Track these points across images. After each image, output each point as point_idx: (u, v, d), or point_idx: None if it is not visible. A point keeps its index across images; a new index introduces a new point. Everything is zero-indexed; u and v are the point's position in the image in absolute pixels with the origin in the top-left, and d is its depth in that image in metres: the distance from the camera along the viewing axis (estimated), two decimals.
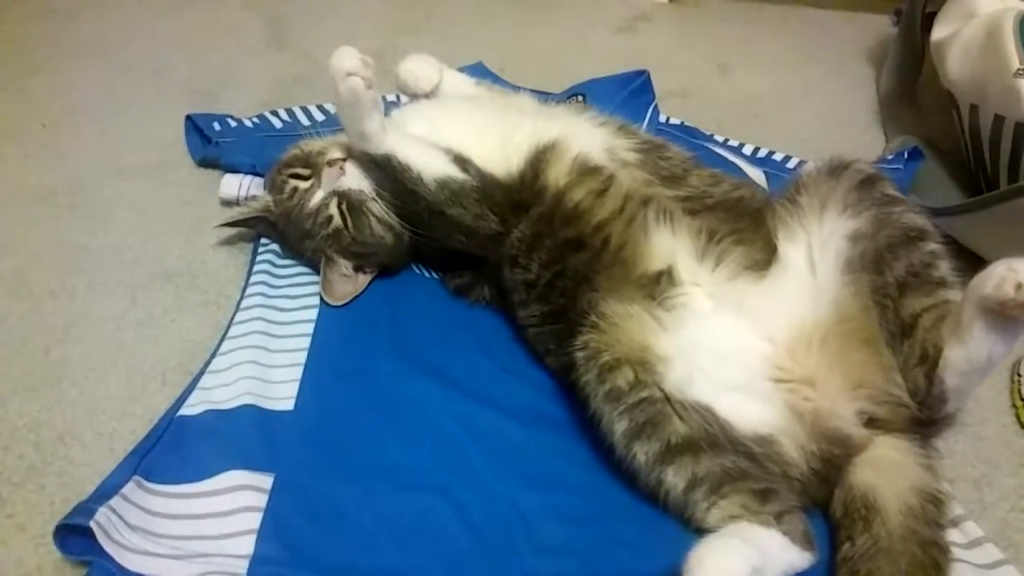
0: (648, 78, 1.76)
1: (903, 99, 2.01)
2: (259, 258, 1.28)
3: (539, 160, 1.18)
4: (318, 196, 1.20)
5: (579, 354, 1.01)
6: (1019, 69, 1.40)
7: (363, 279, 1.26)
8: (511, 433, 1.06)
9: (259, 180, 1.44)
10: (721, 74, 2.11)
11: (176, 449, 0.97)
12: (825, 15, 2.55)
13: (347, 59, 1.08)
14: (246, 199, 1.42)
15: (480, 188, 1.16)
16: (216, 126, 1.57)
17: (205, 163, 1.53)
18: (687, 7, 2.52)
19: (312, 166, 1.22)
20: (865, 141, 1.86)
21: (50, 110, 1.65)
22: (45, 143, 1.55)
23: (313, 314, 1.21)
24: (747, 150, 1.69)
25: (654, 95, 1.77)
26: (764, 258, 1.06)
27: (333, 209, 1.20)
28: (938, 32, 1.70)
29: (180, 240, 1.35)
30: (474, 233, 1.17)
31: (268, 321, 1.17)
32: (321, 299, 1.23)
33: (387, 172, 1.16)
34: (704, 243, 1.07)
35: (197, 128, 1.59)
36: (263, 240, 1.32)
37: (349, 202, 1.20)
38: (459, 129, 1.24)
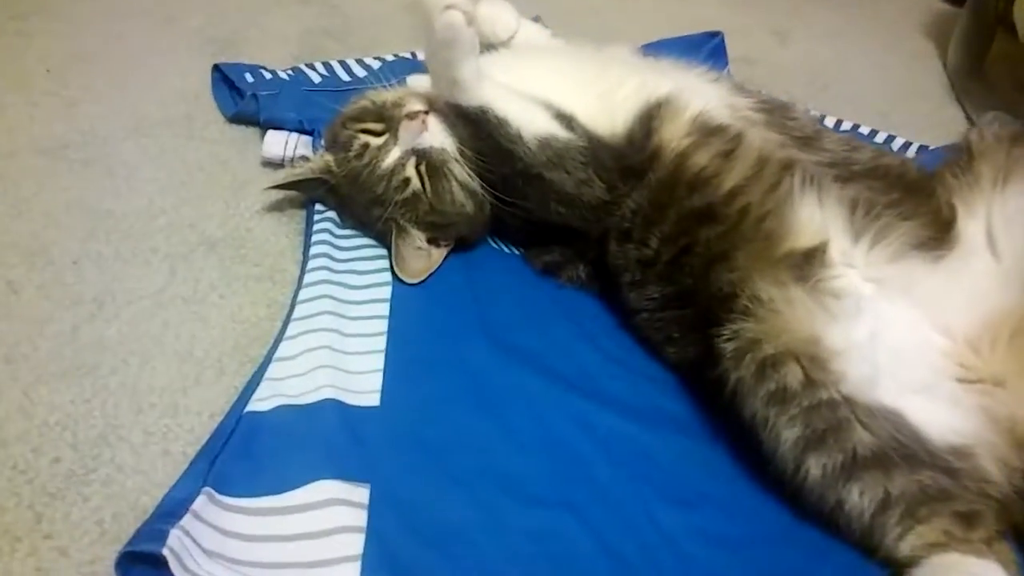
0: (722, 41, 1.61)
1: (974, 74, 1.89)
2: (316, 227, 1.10)
3: (651, 118, 1.02)
4: (394, 155, 1.03)
5: (727, 345, 0.85)
6: None
7: (438, 253, 1.09)
8: (635, 437, 0.90)
9: (306, 138, 1.26)
10: (780, 42, 1.97)
11: (250, 453, 0.80)
12: None
13: None
14: (293, 159, 1.23)
15: (587, 149, 1.00)
16: (249, 77, 1.38)
17: (239, 118, 1.34)
18: None
19: (387, 120, 1.04)
20: (946, 116, 1.74)
21: (54, 56, 1.44)
22: (51, 91, 1.35)
23: (386, 292, 1.03)
24: (828, 122, 1.54)
25: (727, 60, 1.61)
26: (933, 236, 0.91)
27: (411, 170, 1.03)
28: None
29: (219, 204, 1.16)
30: (575, 202, 1.01)
31: (338, 300, 0.99)
32: (393, 275, 1.05)
33: (479, 128, 0.99)
34: (862, 217, 0.92)
35: (226, 80, 1.39)
36: (317, 206, 1.14)
37: (430, 162, 1.03)
38: (554, 82, 1.07)
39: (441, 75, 0.98)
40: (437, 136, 1.03)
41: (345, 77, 1.47)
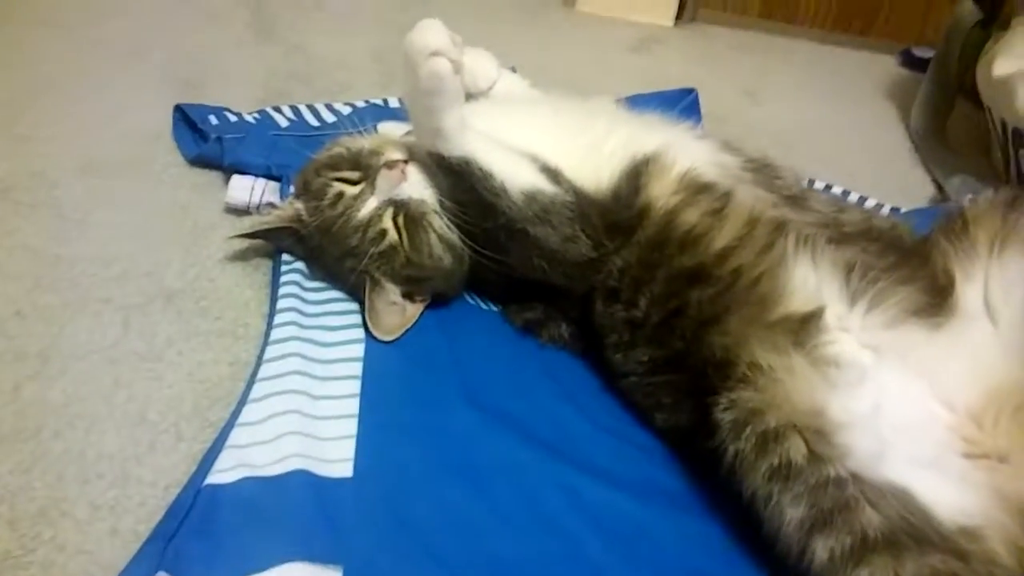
0: (696, 98, 1.60)
1: (936, 137, 1.92)
2: (283, 278, 1.04)
3: (639, 174, 0.99)
4: (370, 205, 0.98)
5: (724, 415, 0.81)
6: None
7: (413, 309, 1.03)
8: (629, 512, 0.85)
9: (273, 184, 1.20)
10: (752, 102, 1.97)
11: (211, 531, 0.72)
12: (830, 51, 2.47)
13: (433, 34, 0.87)
14: (259, 206, 1.17)
15: (574, 204, 0.96)
16: (213, 119, 1.32)
17: (201, 161, 1.27)
18: (693, 32, 2.40)
19: (363, 168, 0.99)
20: (913, 178, 1.75)
21: (3, 88, 1.36)
22: None
23: (359, 350, 0.97)
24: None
25: (701, 117, 1.60)
26: (930, 302, 0.88)
27: (388, 222, 0.98)
28: (1002, 67, 1.59)
29: (179, 252, 1.09)
30: (559, 258, 0.97)
31: (307, 359, 0.93)
32: (366, 331, 0.99)
33: (461, 180, 0.94)
34: (858, 280, 0.89)
35: (188, 121, 1.33)
36: (284, 257, 1.07)
37: (408, 214, 0.98)
38: (538, 134, 1.03)
39: (423, 124, 0.94)
40: (416, 186, 0.99)
41: (314, 122, 1.42)
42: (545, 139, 1.03)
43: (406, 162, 0.98)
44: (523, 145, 1.00)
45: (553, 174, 0.98)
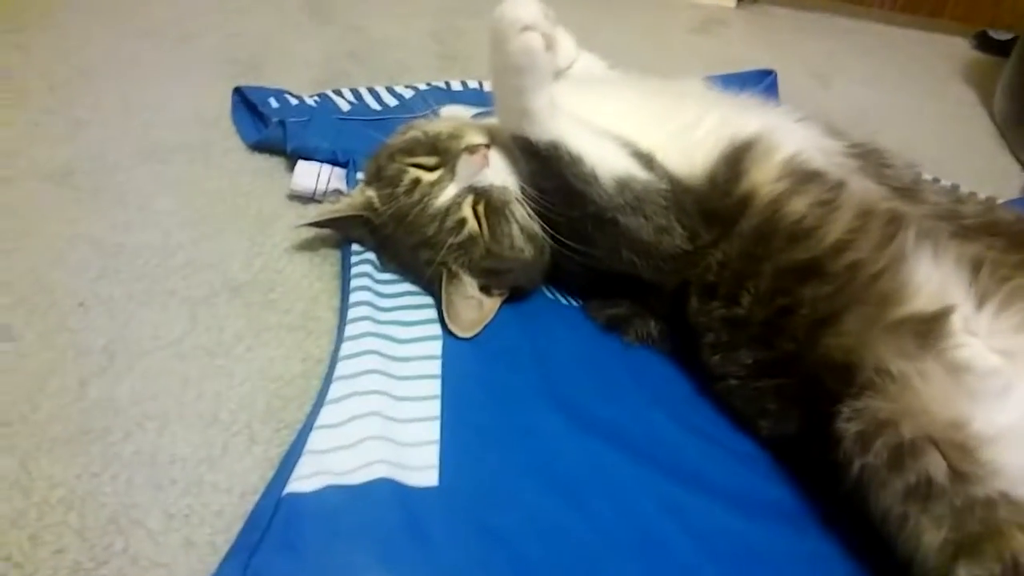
0: (775, 79, 1.51)
1: (1015, 122, 1.81)
2: (354, 269, 0.98)
3: (739, 160, 0.91)
4: (449, 192, 0.91)
5: (848, 426, 0.73)
6: None
7: (491, 303, 0.97)
8: (737, 530, 0.78)
9: (340, 171, 1.14)
10: (822, 85, 1.88)
11: (295, 545, 0.67)
12: (900, 34, 2.37)
13: (526, 6, 0.80)
14: (325, 193, 1.11)
15: (669, 192, 0.89)
16: (273, 102, 1.26)
17: (262, 146, 1.22)
18: (755, 13, 2.31)
19: (442, 153, 0.93)
20: (1003, 164, 1.65)
21: (57, 73, 1.32)
22: (54, 110, 1.22)
23: (436, 348, 0.91)
24: None
25: (779, 99, 1.51)
26: None
27: (467, 210, 0.91)
28: None
29: (243, 242, 1.03)
30: (651, 251, 0.90)
31: (385, 356, 0.87)
32: (443, 327, 0.93)
33: (548, 165, 0.87)
34: (987, 279, 0.81)
35: (248, 104, 1.28)
36: (354, 247, 1.01)
37: (489, 202, 0.91)
38: (626, 116, 0.96)
39: (509, 104, 0.87)
40: (499, 173, 0.92)
41: (375, 106, 1.36)
42: (634, 122, 0.96)
43: (488, 146, 0.92)
44: (612, 128, 0.93)
45: (646, 159, 0.90)
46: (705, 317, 0.89)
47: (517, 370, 0.91)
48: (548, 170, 0.88)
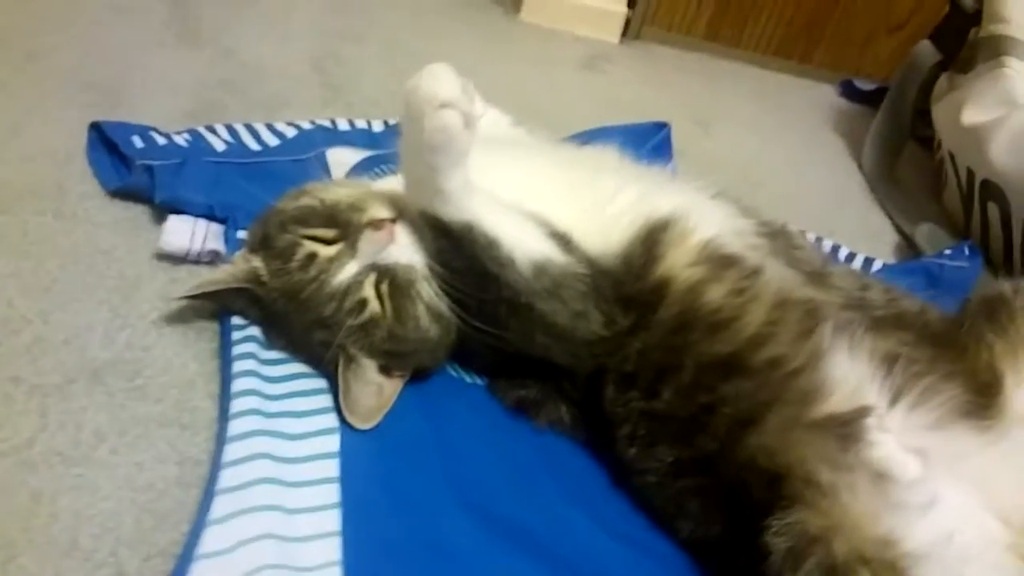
0: (669, 133, 1.50)
1: (890, 178, 1.90)
2: (236, 349, 0.87)
3: (654, 241, 0.87)
4: (349, 270, 0.83)
5: (777, 541, 0.71)
6: None
7: (391, 387, 0.89)
8: None
9: (216, 227, 1.02)
10: (704, 133, 1.90)
11: None
12: (774, 78, 2.45)
13: (444, 82, 0.73)
14: (200, 254, 1.00)
15: (588, 277, 0.84)
16: (138, 141, 1.13)
17: (124, 193, 1.08)
18: (638, 50, 2.32)
19: (341, 225, 0.84)
20: (876, 220, 1.71)
21: None
22: None
23: (334, 442, 0.82)
24: None
25: (672, 153, 1.51)
26: (975, 402, 0.81)
27: (369, 290, 0.83)
28: (972, 116, 1.57)
29: (102, 312, 0.91)
30: (567, 336, 0.85)
31: (276, 460, 0.77)
32: (339, 417, 0.84)
33: (461, 246, 0.81)
34: (901, 375, 0.80)
35: (107, 143, 1.13)
36: (234, 319, 0.91)
37: (394, 281, 0.84)
38: (539, 190, 0.91)
39: (421, 181, 0.80)
40: (405, 250, 0.85)
41: (254, 146, 1.25)
42: (548, 195, 0.91)
43: (393, 221, 0.84)
44: (526, 203, 0.87)
45: (563, 241, 0.85)
46: (622, 408, 0.85)
47: (422, 467, 0.83)
48: (460, 251, 0.82)
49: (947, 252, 1.39)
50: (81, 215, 1.03)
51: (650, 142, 1.44)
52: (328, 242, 0.84)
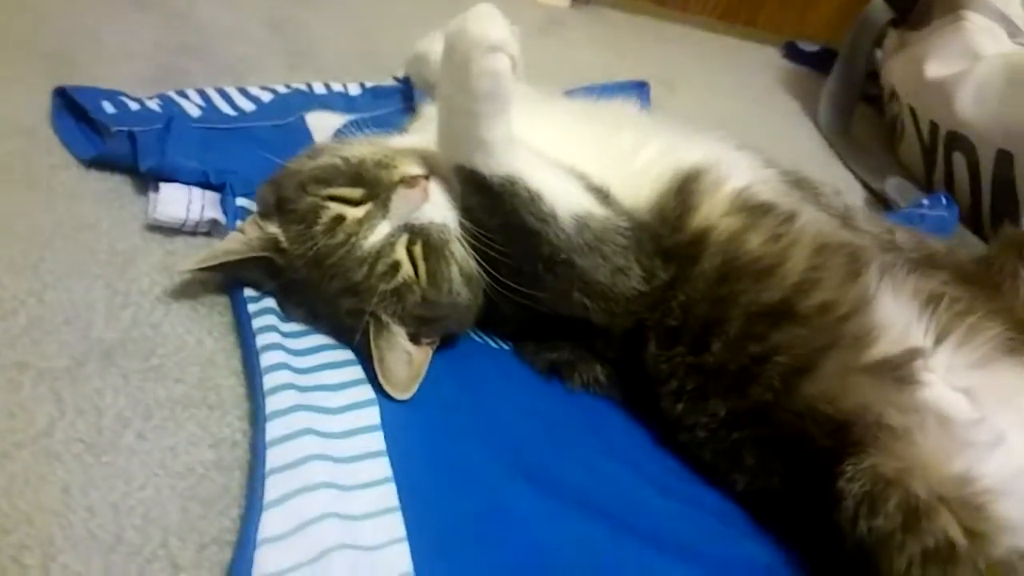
0: (648, 92, 1.48)
1: (847, 134, 1.93)
2: (256, 322, 0.81)
3: (687, 192, 0.86)
4: (381, 231, 0.78)
5: (852, 486, 0.70)
6: None
7: (421, 355, 0.84)
8: None
9: (212, 195, 0.95)
10: (669, 92, 1.88)
11: None
12: (721, 41, 2.47)
13: (493, 24, 0.69)
14: (198, 224, 0.92)
15: (629, 230, 0.81)
16: (108, 107, 1.04)
17: (100, 162, 0.99)
18: (589, 15, 2.30)
19: (369, 184, 0.79)
20: (839, 175, 1.74)
21: None
22: None
23: (374, 415, 0.77)
24: None
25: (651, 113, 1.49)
26: (1020, 338, 0.81)
27: (401, 252, 0.79)
28: (936, 70, 1.60)
29: (100, 289, 0.83)
30: (606, 293, 0.82)
31: (322, 436, 0.72)
32: (375, 388, 0.79)
33: (498, 201, 0.77)
34: (945, 315, 0.80)
35: (75, 110, 1.04)
36: (247, 291, 0.85)
37: (428, 242, 0.79)
38: (573, 144, 0.87)
39: (460, 132, 0.75)
40: (440, 208, 0.80)
41: (228, 110, 1.17)
42: (577, 150, 0.87)
43: (426, 177, 0.79)
44: (563, 159, 0.84)
45: (602, 195, 0.82)
46: (667, 363, 0.83)
47: (465, 436, 0.79)
48: (498, 207, 0.77)
49: (925, 202, 1.41)
50: (58, 189, 0.94)
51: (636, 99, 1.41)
52: (355, 203, 0.79)
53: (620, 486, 0.80)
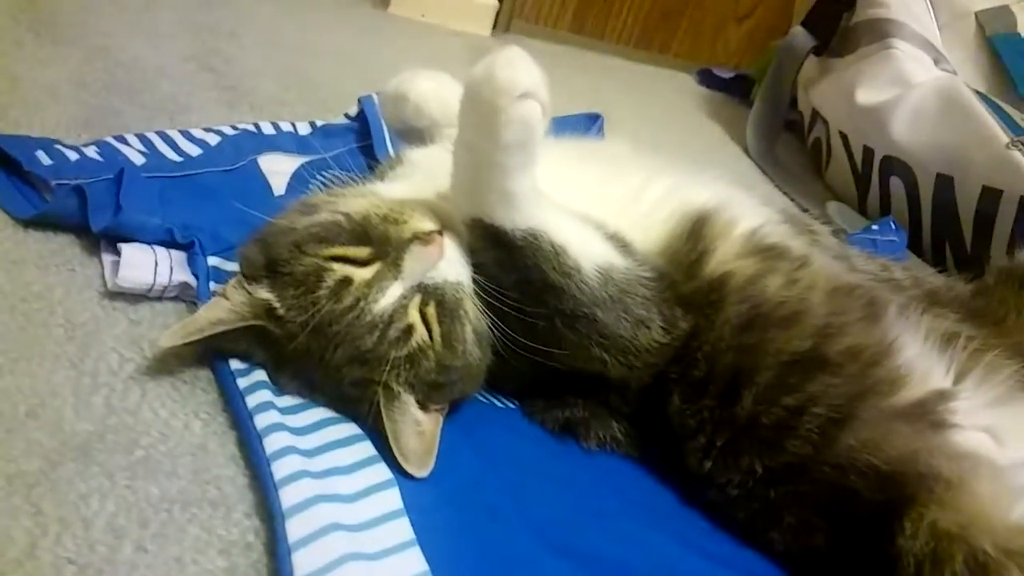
0: (603, 124, 1.45)
1: (776, 161, 1.97)
2: (251, 399, 0.73)
3: (698, 235, 0.82)
4: (392, 293, 0.71)
5: (912, 543, 0.67)
6: (1012, 141, 1.35)
7: (431, 423, 0.77)
8: None
9: (178, 254, 0.85)
10: (607, 123, 1.87)
11: None
12: (639, 68, 2.51)
13: (523, 69, 0.64)
14: (166, 288, 0.83)
15: (653, 281, 0.77)
16: (43, 158, 0.93)
17: (40, 222, 0.88)
18: (512, 43, 2.27)
19: (378, 242, 0.72)
20: (782, 202, 1.75)
21: None
22: None
23: (395, 499, 0.70)
24: None
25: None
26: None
27: (414, 314, 0.72)
28: (867, 96, 1.65)
29: (64, 371, 0.72)
30: (627, 347, 0.78)
31: (348, 530, 0.64)
32: (387, 463, 0.72)
33: (521, 256, 0.72)
34: (963, 354, 0.80)
35: (5, 160, 0.93)
36: (233, 363, 0.76)
37: (442, 302, 0.73)
38: (580, 187, 0.83)
39: (484, 185, 0.69)
40: (455, 265, 0.74)
41: (173, 156, 1.07)
42: (581, 194, 0.83)
43: (440, 233, 0.73)
44: (571, 203, 0.79)
45: (621, 243, 0.78)
46: (693, 418, 0.79)
47: (495, 514, 0.72)
48: (517, 261, 0.72)
49: (875, 227, 1.44)
50: None
51: (588, 132, 1.39)
52: (362, 263, 0.72)
53: (660, 555, 0.75)
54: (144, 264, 0.81)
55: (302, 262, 0.71)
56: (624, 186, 0.87)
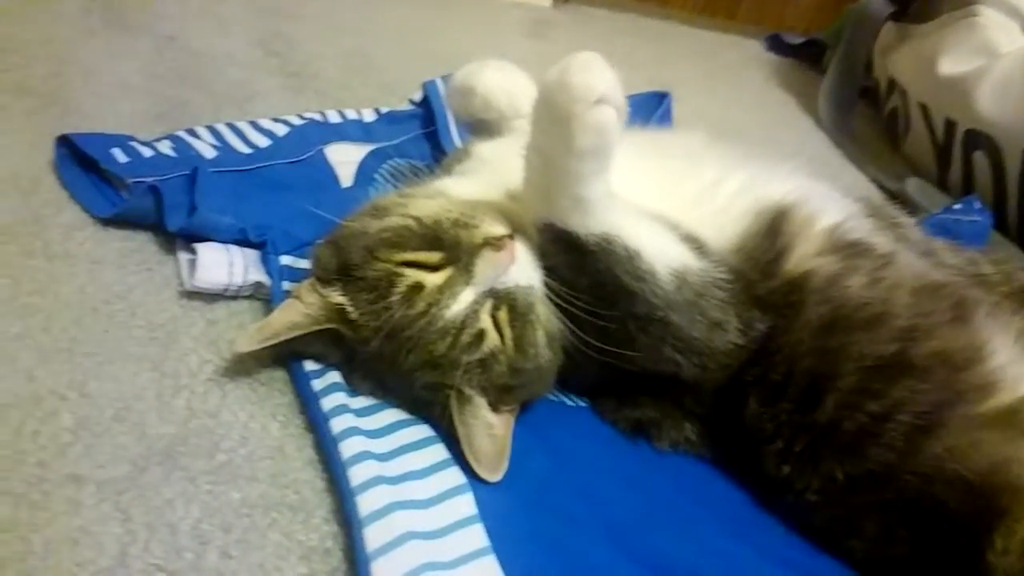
0: (671, 102, 1.42)
1: (847, 134, 1.90)
2: (326, 403, 0.73)
3: (775, 232, 0.79)
4: (464, 298, 0.71)
5: (1004, 560, 0.65)
6: None
7: (503, 426, 0.77)
8: None
9: (252, 254, 0.86)
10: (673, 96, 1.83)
11: None
12: (704, 35, 2.43)
13: (599, 74, 0.61)
14: (241, 288, 0.84)
15: (729, 282, 0.75)
16: (120, 155, 0.95)
17: (119, 220, 0.90)
18: (572, 14, 2.24)
19: (449, 247, 0.71)
20: (852, 176, 1.70)
21: None
22: None
23: (470, 504, 0.70)
24: None
25: (671, 121, 1.43)
26: None
27: (486, 319, 0.71)
28: (950, 66, 1.57)
29: (146, 373, 0.74)
30: (702, 349, 0.76)
31: (424, 537, 0.65)
32: (461, 468, 0.72)
33: (594, 261, 0.71)
34: None
35: (82, 159, 0.94)
36: (308, 364, 0.77)
37: (514, 307, 0.72)
38: (640, 187, 0.80)
39: (558, 190, 0.68)
40: (526, 269, 0.73)
41: (243, 148, 1.08)
42: (654, 192, 0.81)
43: (511, 237, 0.72)
44: (644, 202, 0.77)
45: (696, 244, 0.76)
46: (771, 422, 0.77)
47: (569, 519, 0.72)
48: (590, 266, 0.71)
49: (957, 207, 1.38)
50: (77, 253, 0.84)
51: (656, 112, 1.35)
52: (433, 268, 0.71)
53: (735, 561, 0.74)
54: (219, 265, 0.82)
55: (374, 267, 0.71)
56: (698, 181, 0.84)
